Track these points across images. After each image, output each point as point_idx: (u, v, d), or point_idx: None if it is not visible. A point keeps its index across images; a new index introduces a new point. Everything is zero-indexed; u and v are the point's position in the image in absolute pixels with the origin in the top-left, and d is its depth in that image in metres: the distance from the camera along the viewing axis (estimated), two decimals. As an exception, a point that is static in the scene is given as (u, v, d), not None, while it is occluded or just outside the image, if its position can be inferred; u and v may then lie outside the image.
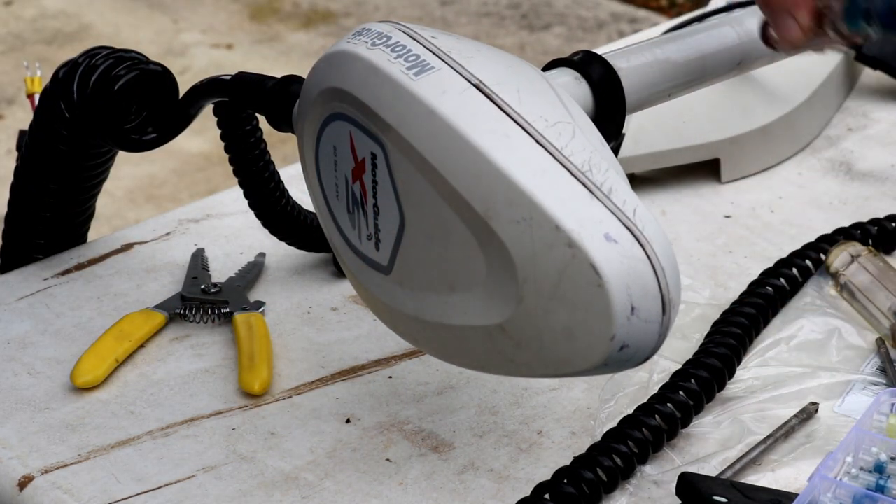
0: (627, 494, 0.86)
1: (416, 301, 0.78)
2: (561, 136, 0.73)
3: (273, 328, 1.00)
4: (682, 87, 0.91)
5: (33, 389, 0.94)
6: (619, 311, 0.70)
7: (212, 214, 1.13)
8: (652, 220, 0.71)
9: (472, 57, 0.76)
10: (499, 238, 0.72)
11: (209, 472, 0.88)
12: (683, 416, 0.90)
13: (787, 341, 0.98)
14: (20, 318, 1.01)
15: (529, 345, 0.73)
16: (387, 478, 0.87)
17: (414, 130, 0.74)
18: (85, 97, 0.98)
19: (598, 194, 0.71)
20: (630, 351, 0.72)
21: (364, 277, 0.81)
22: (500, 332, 0.74)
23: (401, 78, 0.75)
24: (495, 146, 0.72)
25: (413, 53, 0.76)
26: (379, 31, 0.78)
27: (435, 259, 0.76)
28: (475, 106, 0.73)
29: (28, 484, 0.87)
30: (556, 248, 0.70)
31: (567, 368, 0.74)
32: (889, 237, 1.07)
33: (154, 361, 0.97)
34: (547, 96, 0.76)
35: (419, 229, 0.76)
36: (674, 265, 0.72)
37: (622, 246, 0.70)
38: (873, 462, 0.83)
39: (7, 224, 1.07)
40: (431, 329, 0.78)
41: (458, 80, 0.74)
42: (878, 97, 1.31)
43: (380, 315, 0.82)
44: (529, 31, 3.87)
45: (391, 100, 0.75)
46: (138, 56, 1.00)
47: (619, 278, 0.70)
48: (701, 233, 1.11)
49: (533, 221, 0.71)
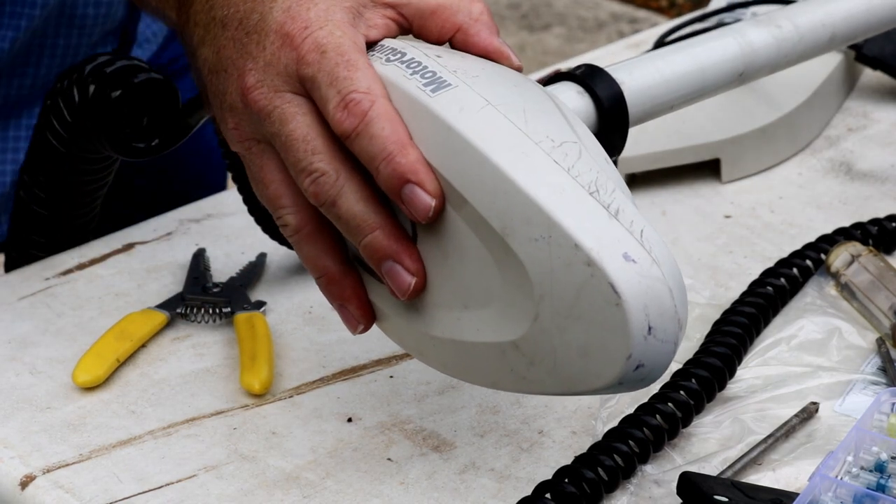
0: (628, 494, 0.86)
1: (427, 317, 0.77)
2: (567, 157, 0.72)
3: (274, 328, 1.00)
4: (685, 99, 0.91)
5: (34, 389, 0.95)
6: (637, 330, 0.70)
7: (213, 214, 1.13)
8: (659, 241, 0.71)
9: (477, 76, 0.76)
10: (515, 255, 0.71)
11: (210, 471, 0.88)
12: (684, 415, 0.90)
13: (788, 341, 0.98)
14: (21, 318, 1.01)
15: (543, 362, 0.73)
16: (388, 477, 0.88)
17: (430, 147, 0.74)
18: (85, 104, 0.98)
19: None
20: (645, 370, 0.72)
21: (372, 292, 0.81)
22: (513, 349, 0.74)
23: (418, 94, 0.74)
24: (514, 164, 0.71)
25: (429, 70, 0.76)
26: (393, 48, 0.78)
27: (448, 275, 0.75)
28: (493, 124, 0.73)
29: (30, 483, 0.87)
30: (575, 266, 0.70)
31: (580, 387, 0.73)
32: (889, 237, 1.07)
33: (155, 361, 0.97)
34: (552, 116, 0.75)
35: (433, 245, 0.76)
36: (682, 285, 0.72)
37: (641, 266, 0.70)
38: (874, 461, 0.83)
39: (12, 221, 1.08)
40: (441, 345, 0.77)
41: (476, 97, 0.74)
42: (878, 97, 1.31)
43: (386, 330, 0.82)
44: (529, 32, 3.87)
45: (408, 116, 0.75)
46: (140, 63, 1.00)
47: (637, 298, 0.70)
48: (701, 233, 1.11)
49: (552, 240, 0.70)
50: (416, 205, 0.74)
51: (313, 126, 0.76)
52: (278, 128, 0.76)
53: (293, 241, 0.79)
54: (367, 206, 0.76)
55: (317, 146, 0.76)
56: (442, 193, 0.74)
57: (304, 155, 0.76)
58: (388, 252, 0.76)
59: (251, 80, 0.77)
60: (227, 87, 0.78)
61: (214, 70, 0.79)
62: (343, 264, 0.80)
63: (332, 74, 0.75)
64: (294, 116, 0.76)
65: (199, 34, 0.81)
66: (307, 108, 0.76)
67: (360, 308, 0.80)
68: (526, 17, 3.94)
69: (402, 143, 0.74)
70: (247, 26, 0.78)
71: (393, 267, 0.76)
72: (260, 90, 0.77)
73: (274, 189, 0.78)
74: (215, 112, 0.81)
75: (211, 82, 0.80)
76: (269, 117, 0.76)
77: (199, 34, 0.81)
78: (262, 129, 0.77)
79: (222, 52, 0.79)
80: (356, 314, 0.80)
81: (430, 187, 0.73)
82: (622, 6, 4.00)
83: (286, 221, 0.78)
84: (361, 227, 0.76)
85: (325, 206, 0.76)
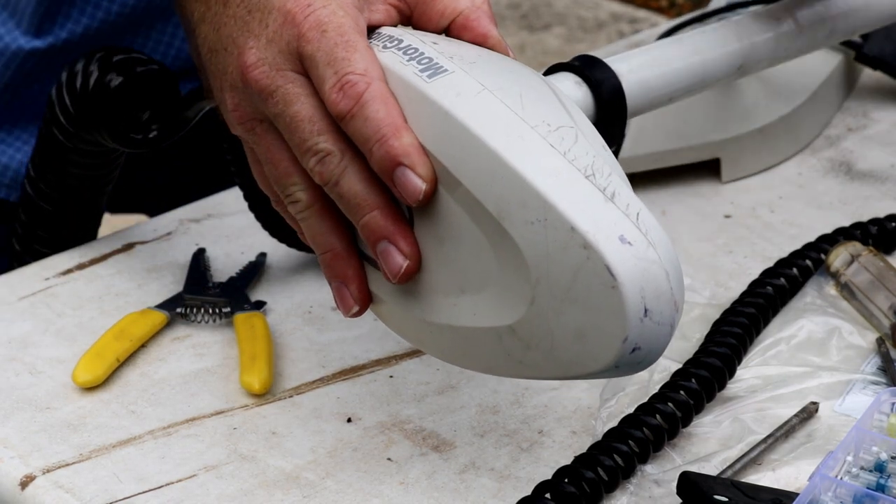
0: (628, 494, 0.86)
1: (423, 303, 0.77)
2: (564, 141, 0.72)
3: (274, 328, 1.00)
4: (683, 91, 0.91)
5: (34, 389, 0.95)
6: (633, 312, 0.70)
7: (213, 214, 1.13)
8: (655, 224, 0.71)
9: (474, 62, 0.76)
10: (511, 239, 0.72)
11: (210, 471, 0.88)
12: (684, 415, 0.90)
13: (788, 341, 0.98)
14: (21, 318, 1.01)
15: (539, 346, 0.73)
16: (388, 477, 0.88)
17: (426, 132, 0.74)
18: (87, 93, 0.98)
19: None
20: (642, 353, 0.72)
21: (371, 279, 0.81)
22: (510, 333, 0.74)
23: (414, 80, 0.75)
24: (510, 147, 0.72)
25: (426, 56, 0.76)
26: (390, 35, 0.78)
27: (444, 260, 0.76)
28: (489, 108, 0.73)
29: (30, 483, 0.87)
30: (571, 249, 0.70)
31: (577, 370, 0.73)
32: (889, 237, 1.07)
33: (155, 361, 0.97)
34: (549, 100, 0.75)
35: (429, 229, 0.76)
36: (678, 268, 0.72)
37: (636, 248, 0.70)
38: (874, 461, 0.83)
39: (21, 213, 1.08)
40: (438, 331, 0.77)
41: (472, 82, 0.74)
42: (878, 97, 1.31)
43: (383, 317, 0.82)
44: (529, 32, 3.87)
45: (404, 101, 0.75)
46: (139, 55, 1.00)
47: (633, 280, 0.70)
48: (701, 233, 1.11)
49: (547, 223, 0.70)
50: (407, 188, 0.74)
51: (317, 106, 0.76)
52: (282, 108, 0.76)
53: (302, 218, 0.79)
54: (367, 187, 0.76)
55: (322, 127, 0.76)
56: (434, 178, 0.74)
57: (309, 135, 0.76)
58: (384, 232, 0.76)
59: (252, 57, 0.77)
60: (227, 65, 0.78)
61: (214, 49, 0.79)
62: (349, 244, 0.80)
63: (331, 54, 0.75)
64: (298, 97, 0.76)
65: (200, 10, 0.81)
66: (310, 89, 0.76)
67: (359, 288, 0.80)
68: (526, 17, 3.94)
69: (395, 125, 0.74)
70: (249, 4, 0.78)
71: (387, 248, 0.76)
72: (261, 68, 0.77)
73: (284, 167, 0.78)
74: (215, 94, 0.81)
75: (210, 62, 0.80)
76: (272, 97, 0.76)
77: (200, 10, 0.81)
78: (263, 108, 0.77)
79: (223, 29, 0.79)
80: (354, 294, 0.80)
81: (423, 171, 0.74)
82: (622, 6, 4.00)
83: (297, 198, 0.79)
84: (361, 206, 0.76)
85: (328, 185, 0.77)
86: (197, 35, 0.81)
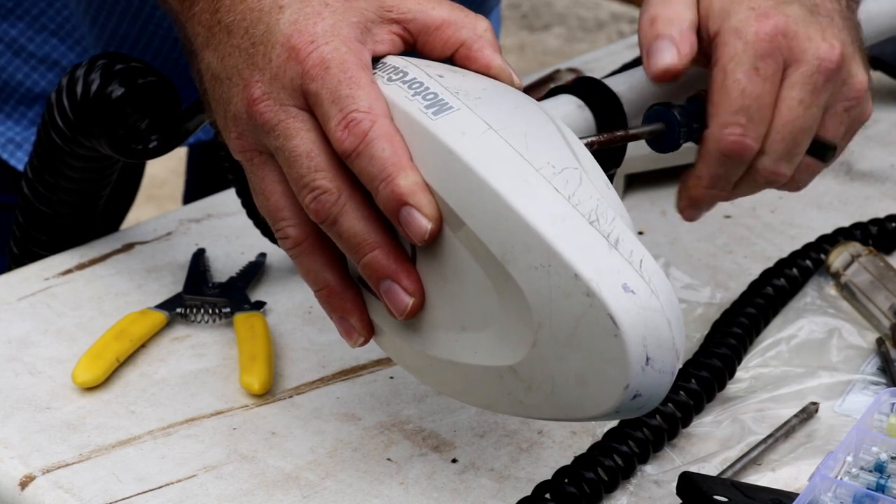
0: (628, 494, 0.86)
1: (424, 337, 0.77)
2: (568, 184, 0.72)
3: (274, 328, 1.00)
4: None
5: (34, 389, 0.95)
6: (635, 361, 0.70)
7: (212, 214, 1.13)
8: (658, 271, 0.71)
9: (479, 98, 0.75)
10: (515, 282, 0.71)
11: (210, 471, 0.88)
12: (684, 415, 0.90)
13: (788, 341, 0.98)
14: (21, 318, 1.01)
15: (540, 388, 0.73)
16: (387, 477, 0.88)
17: (431, 170, 0.73)
18: (87, 101, 0.98)
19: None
20: (642, 400, 0.72)
21: (370, 308, 0.80)
22: (511, 374, 0.74)
23: (419, 117, 0.74)
24: (515, 191, 0.71)
25: (431, 91, 0.75)
26: (395, 66, 0.77)
27: (446, 297, 0.75)
28: (494, 149, 0.73)
29: (29, 483, 0.87)
30: (574, 296, 0.70)
31: (577, 414, 0.73)
32: (889, 237, 1.07)
33: (155, 361, 0.97)
34: (553, 139, 0.75)
35: (432, 267, 0.75)
36: (679, 315, 0.72)
37: (639, 297, 0.70)
38: (874, 461, 0.83)
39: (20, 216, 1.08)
40: (438, 365, 0.77)
41: (477, 121, 0.74)
42: (878, 97, 1.31)
43: (383, 346, 0.82)
44: (529, 32, 3.87)
45: (409, 138, 0.74)
46: (140, 65, 1.00)
47: (635, 329, 0.70)
48: (701, 233, 1.11)
49: (551, 269, 0.70)
50: (412, 228, 0.74)
51: (317, 142, 0.76)
52: (282, 142, 0.76)
53: (293, 255, 0.79)
54: (367, 225, 0.76)
55: (320, 163, 0.75)
56: (440, 217, 0.74)
57: (306, 171, 0.75)
58: (387, 272, 0.76)
59: (257, 91, 0.77)
60: (231, 96, 0.78)
61: (218, 77, 0.79)
62: (343, 277, 0.79)
63: (335, 92, 0.75)
64: (298, 132, 0.76)
65: (203, 35, 0.80)
66: (312, 125, 0.76)
67: (360, 319, 0.80)
68: (526, 17, 3.94)
69: (401, 164, 0.74)
70: (253, 36, 0.78)
71: (391, 286, 0.76)
72: (266, 103, 0.77)
73: (275, 201, 0.78)
74: (217, 119, 0.81)
75: (213, 88, 0.80)
76: (274, 131, 0.76)
77: (203, 35, 0.80)
78: (265, 141, 0.77)
79: (227, 59, 0.78)
80: (357, 327, 0.80)
81: (428, 211, 0.73)
82: (622, 6, 4.00)
83: (286, 234, 0.78)
84: (361, 246, 0.76)
85: (325, 224, 0.76)
86: (200, 59, 0.81)
